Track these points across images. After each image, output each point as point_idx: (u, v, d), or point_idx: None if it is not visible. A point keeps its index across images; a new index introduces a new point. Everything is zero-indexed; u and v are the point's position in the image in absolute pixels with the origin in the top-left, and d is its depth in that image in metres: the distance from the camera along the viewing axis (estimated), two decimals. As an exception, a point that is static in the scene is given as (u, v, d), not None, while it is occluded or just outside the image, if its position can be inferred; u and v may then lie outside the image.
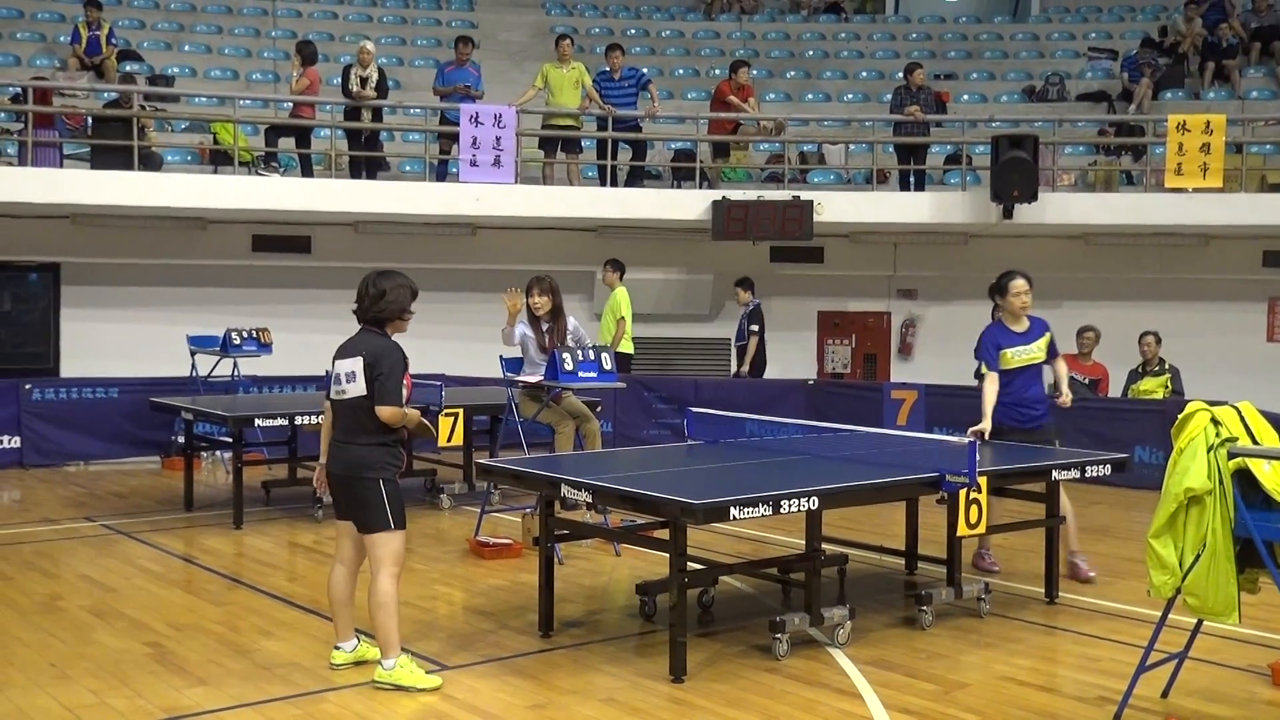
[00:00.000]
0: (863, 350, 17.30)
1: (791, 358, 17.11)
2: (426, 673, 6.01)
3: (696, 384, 15.06)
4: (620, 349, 13.88)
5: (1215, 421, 5.29)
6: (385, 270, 6.16)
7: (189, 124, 17.02)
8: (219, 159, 15.43)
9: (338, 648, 6.32)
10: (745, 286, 15.14)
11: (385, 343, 5.99)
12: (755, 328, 15.02)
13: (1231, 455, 5.22)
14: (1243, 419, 5.42)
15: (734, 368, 15.50)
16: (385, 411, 5.88)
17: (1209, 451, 5.23)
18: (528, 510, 8.97)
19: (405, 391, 6.02)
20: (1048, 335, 8.51)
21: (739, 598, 7.85)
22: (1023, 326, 8.47)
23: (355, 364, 5.93)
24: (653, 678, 6.13)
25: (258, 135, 15.91)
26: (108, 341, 15.13)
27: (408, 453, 11.83)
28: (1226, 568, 5.21)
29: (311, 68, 15.17)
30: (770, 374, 16.39)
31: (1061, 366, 8.70)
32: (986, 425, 8.11)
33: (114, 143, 14.26)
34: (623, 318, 14.12)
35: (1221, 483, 5.20)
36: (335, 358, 6.06)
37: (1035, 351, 8.40)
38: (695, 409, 8.64)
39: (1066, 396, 8.51)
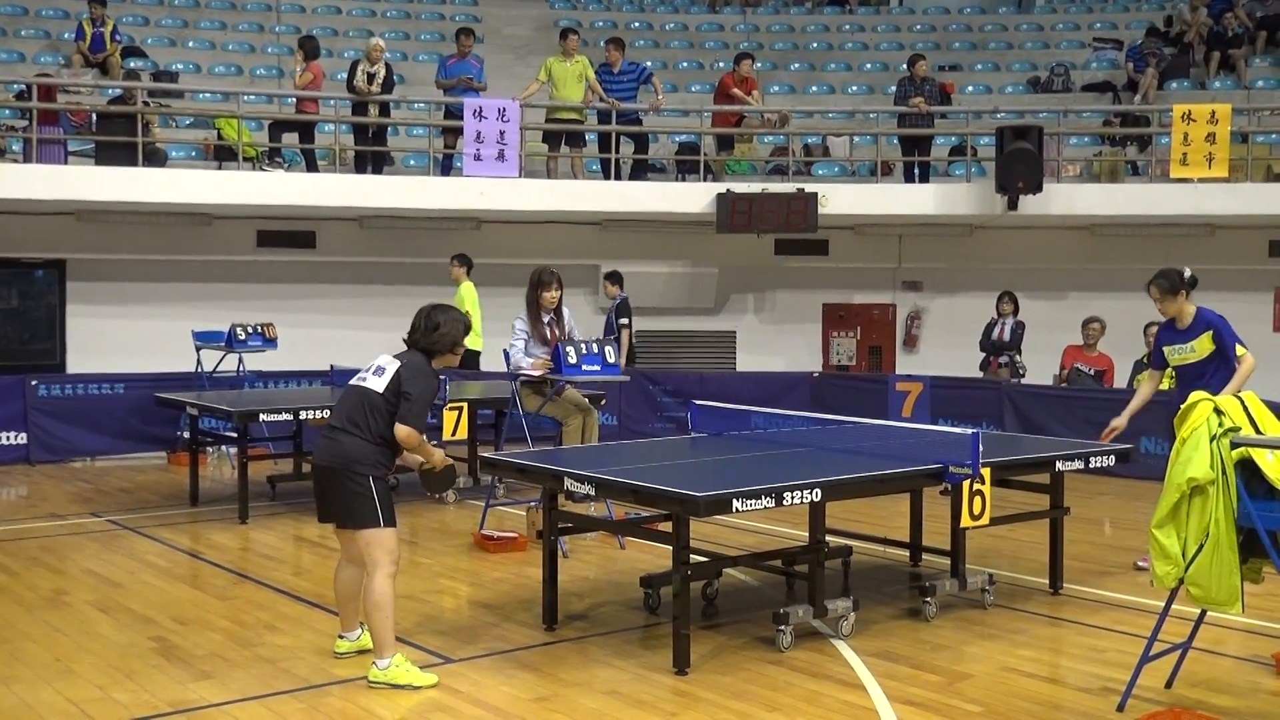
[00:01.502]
0: (868, 343, 17.29)
1: (796, 350, 17.11)
2: (423, 668, 6.00)
3: (702, 377, 15.06)
4: (467, 345, 13.45)
5: (1218, 411, 5.28)
6: (442, 304, 6.22)
7: (193, 120, 17.05)
8: (223, 155, 15.44)
9: (342, 636, 6.35)
10: (614, 280, 14.71)
11: (427, 367, 6.02)
12: (625, 320, 14.61)
13: (1234, 445, 5.21)
14: (1246, 408, 5.41)
15: None
16: (403, 430, 5.86)
17: (1212, 441, 5.22)
18: (532, 504, 8.97)
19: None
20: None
21: (743, 590, 7.86)
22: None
23: (391, 365, 5.96)
24: (656, 670, 6.14)
25: (262, 130, 15.92)
26: (113, 337, 15.16)
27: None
28: (1229, 558, 5.20)
29: (314, 62, 15.19)
30: (775, 367, 16.40)
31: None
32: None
33: (118, 139, 14.27)
34: (468, 312, 13.58)
35: (1224, 473, 5.19)
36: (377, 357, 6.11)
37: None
38: (699, 401, 8.65)
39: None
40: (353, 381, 6.09)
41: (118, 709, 5.59)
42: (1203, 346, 7.76)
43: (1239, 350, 7.76)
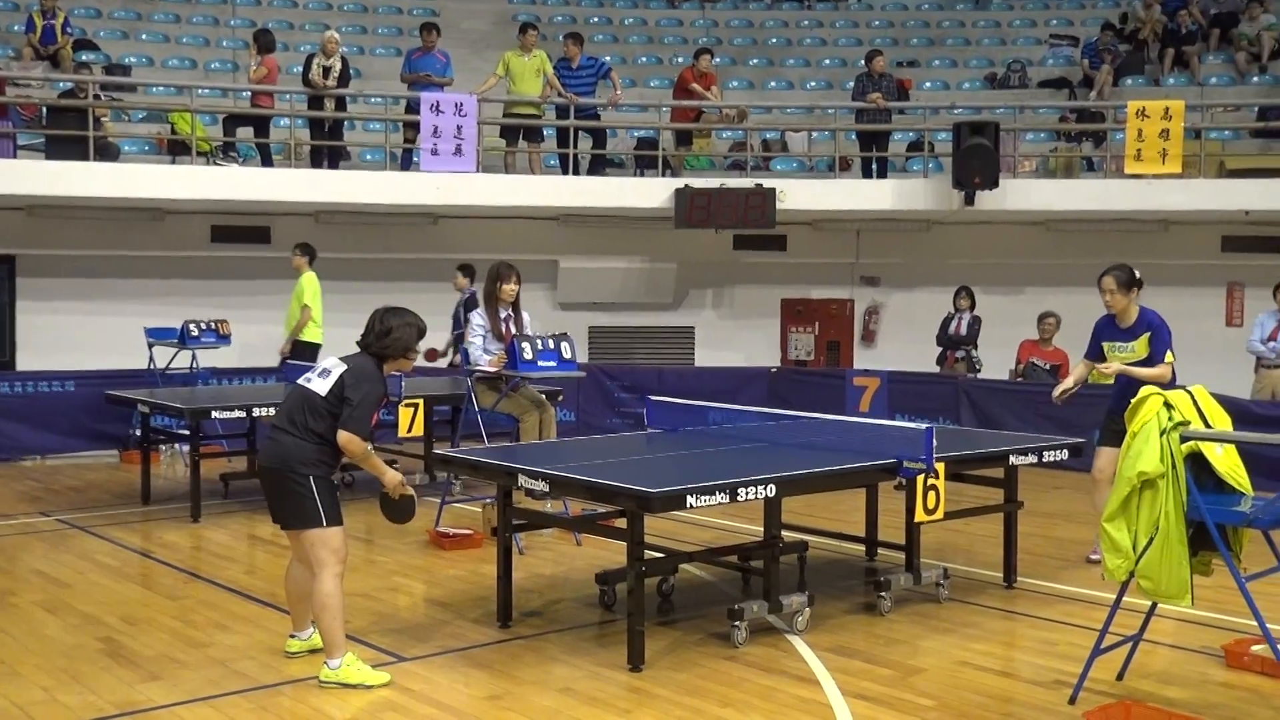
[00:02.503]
0: (826, 338, 17.32)
1: (755, 345, 17.12)
2: (376, 667, 5.95)
3: (660, 373, 15.04)
4: (305, 337, 12.98)
5: (1168, 405, 5.31)
6: (396, 308, 6.11)
7: (146, 114, 16.84)
8: (177, 149, 15.27)
9: (293, 636, 6.30)
10: (465, 272, 13.77)
11: (374, 373, 5.93)
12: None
13: (1184, 439, 5.24)
14: (1195, 402, 5.45)
15: (450, 357, 14.15)
16: (345, 437, 5.77)
17: (1162, 435, 5.24)
18: (488, 501, 8.93)
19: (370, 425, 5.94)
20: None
21: (699, 586, 7.85)
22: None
23: (337, 368, 5.89)
24: (611, 667, 6.11)
25: (216, 125, 15.75)
26: (64, 334, 14.96)
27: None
28: (1179, 551, 5.24)
29: (269, 56, 15.04)
30: (733, 362, 16.40)
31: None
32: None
33: (70, 133, 14.07)
34: (308, 305, 13.10)
35: (1174, 466, 5.22)
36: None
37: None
38: (655, 397, 8.63)
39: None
40: (298, 381, 6.03)
41: (64, 711, 5.51)
42: (1142, 348, 7.88)
43: (1168, 357, 7.86)
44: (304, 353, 12.55)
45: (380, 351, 5.97)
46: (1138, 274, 7.95)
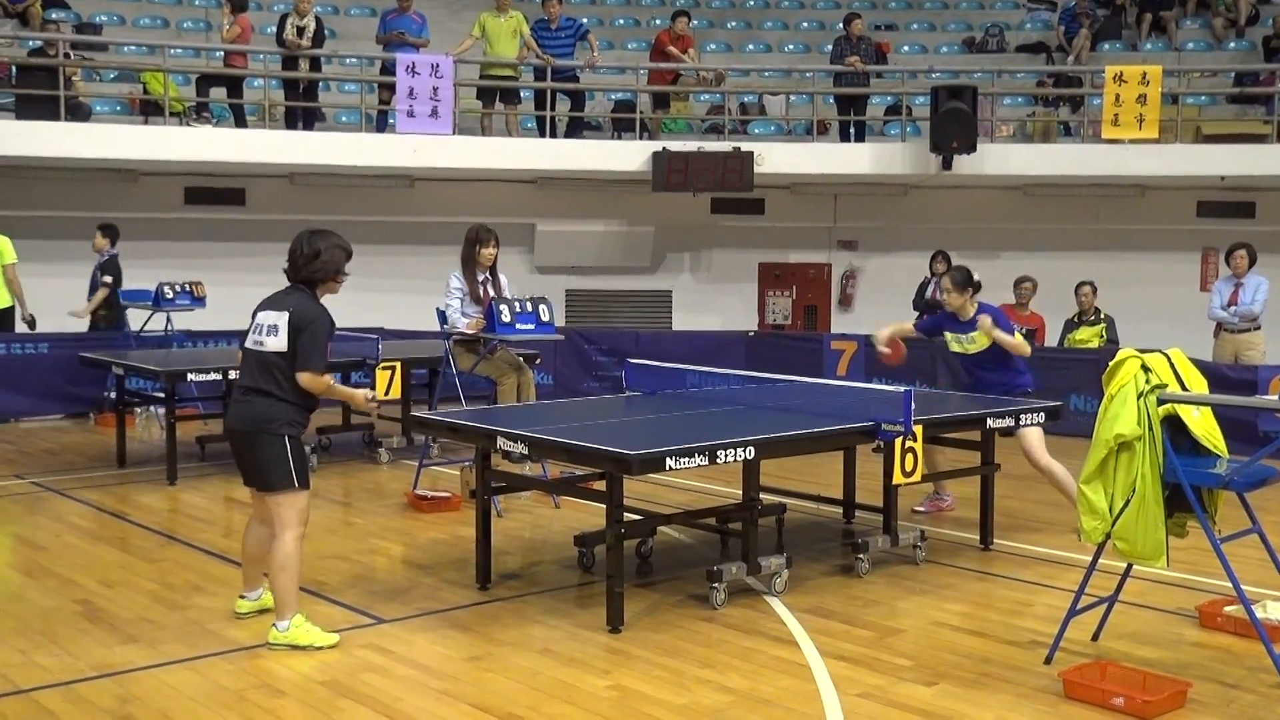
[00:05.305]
0: (803, 302, 17.34)
1: (732, 309, 17.13)
2: (353, 629, 5.93)
3: (637, 336, 15.03)
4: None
5: (1145, 368, 5.33)
6: (319, 229, 6.01)
7: (118, 73, 16.64)
8: (149, 109, 15.10)
9: (243, 596, 6.29)
10: (106, 233, 13.38)
11: (314, 306, 5.86)
12: (108, 279, 13.38)
13: (1161, 401, 5.27)
14: (1173, 366, 5.47)
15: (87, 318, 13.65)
16: (306, 377, 5.74)
17: (1139, 398, 5.27)
18: (466, 464, 8.92)
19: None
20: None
21: (677, 548, 7.87)
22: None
23: (280, 319, 5.78)
24: (590, 628, 6.13)
25: (189, 85, 15.57)
26: (37, 296, 14.76)
27: (345, 410, 11.75)
28: (1155, 512, 5.28)
29: (242, 15, 14.88)
30: (711, 326, 16.40)
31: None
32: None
33: (40, 92, 13.89)
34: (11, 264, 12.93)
35: (1151, 429, 5.25)
36: (259, 309, 5.94)
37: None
38: (634, 360, 8.62)
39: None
40: (247, 344, 5.90)
41: (41, 673, 5.49)
42: (982, 339, 8.33)
43: (1016, 336, 8.53)
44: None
45: (310, 276, 5.88)
46: (975, 276, 8.56)
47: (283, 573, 5.77)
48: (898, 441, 6.60)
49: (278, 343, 5.77)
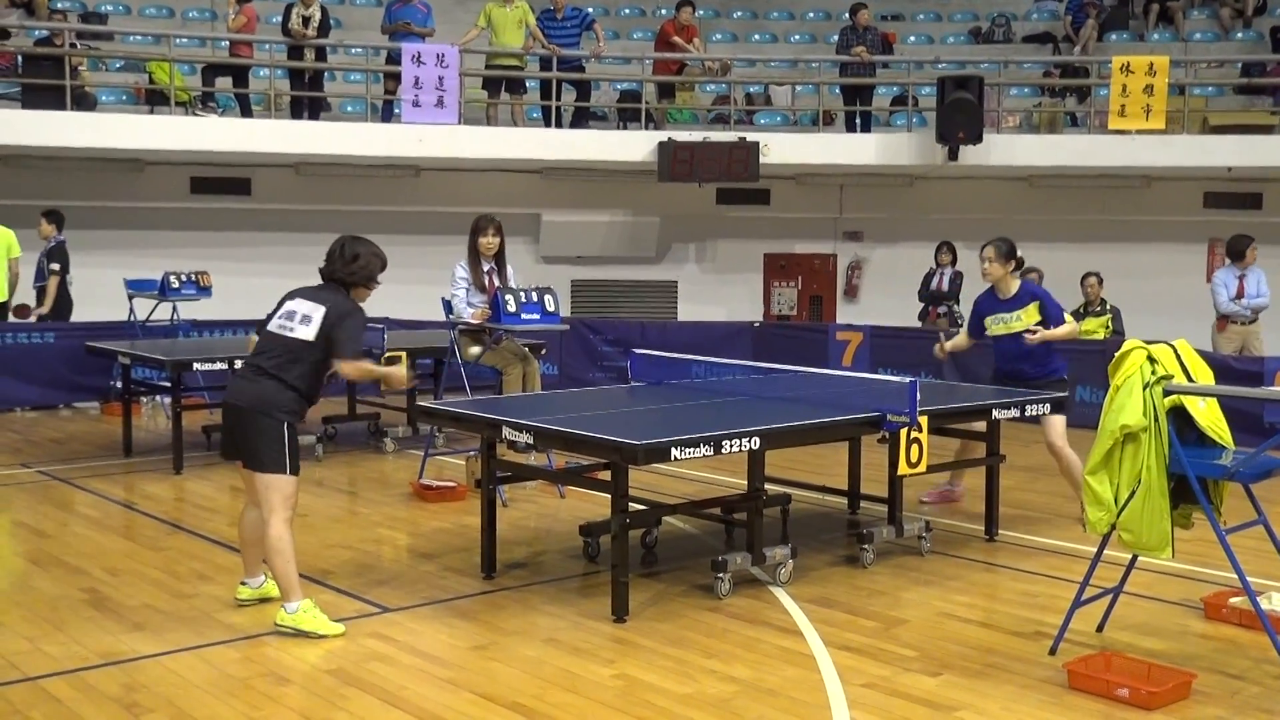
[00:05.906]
0: (809, 292, 17.34)
1: (738, 300, 17.13)
2: (359, 618, 5.94)
3: (643, 326, 15.02)
4: None
5: (1151, 359, 5.33)
6: (359, 237, 6.12)
7: (124, 63, 16.65)
8: (155, 99, 15.12)
9: (243, 583, 6.31)
10: (51, 220, 13.29)
11: (351, 303, 5.96)
12: (56, 266, 13.35)
13: (1167, 392, 5.26)
14: (1179, 357, 5.46)
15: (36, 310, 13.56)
16: (347, 366, 5.87)
17: (1145, 389, 5.26)
18: (471, 453, 8.93)
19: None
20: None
21: (682, 538, 7.88)
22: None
23: (316, 311, 5.84)
24: (595, 618, 6.14)
25: (195, 74, 15.59)
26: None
27: (350, 399, 11.78)
28: (1161, 504, 5.27)
29: (248, 4, 14.88)
30: (716, 316, 16.39)
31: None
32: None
33: (46, 82, 13.91)
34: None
35: (1157, 420, 5.25)
36: (291, 295, 5.99)
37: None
38: (639, 350, 8.62)
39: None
40: (271, 328, 5.95)
41: (48, 661, 5.51)
42: (1030, 316, 8.14)
43: (1067, 316, 8.32)
44: None
45: (345, 278, 5.97)
46: (1018, 249, 8.33)
47: (277, 556, 5.80)
48: (903, 432, 6.61)
49: (307, 332, 5.82)
